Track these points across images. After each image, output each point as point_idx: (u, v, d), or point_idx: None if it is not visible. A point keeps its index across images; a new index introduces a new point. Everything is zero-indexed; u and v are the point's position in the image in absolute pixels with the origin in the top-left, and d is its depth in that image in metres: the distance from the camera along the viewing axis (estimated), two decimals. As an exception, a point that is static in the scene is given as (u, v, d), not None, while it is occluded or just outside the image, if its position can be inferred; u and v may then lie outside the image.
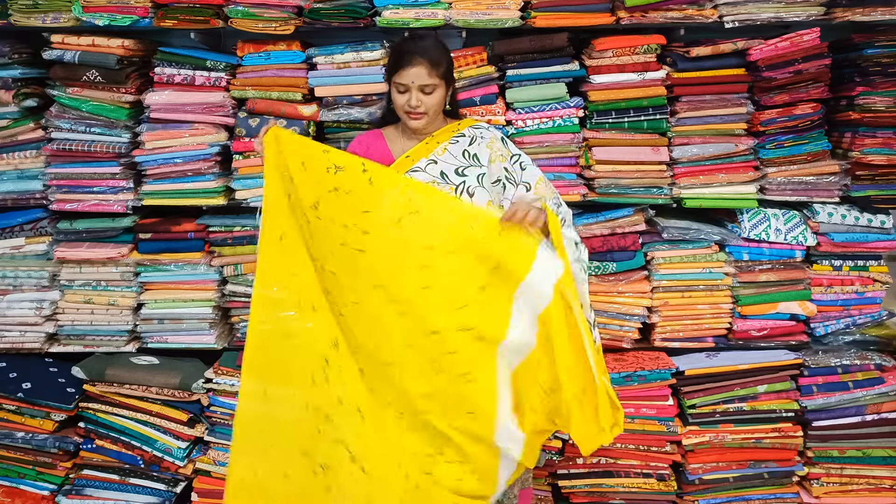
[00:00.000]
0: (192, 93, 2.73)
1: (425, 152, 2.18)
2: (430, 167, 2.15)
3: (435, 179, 2.12)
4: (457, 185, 2.13)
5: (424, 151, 2.19)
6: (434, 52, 2.13)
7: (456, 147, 2.18)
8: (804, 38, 2.63)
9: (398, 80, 2.14)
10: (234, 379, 2.78)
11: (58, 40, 2.69)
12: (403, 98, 2.14)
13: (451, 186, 2.12)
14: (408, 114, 2.16)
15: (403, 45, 2.15)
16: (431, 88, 2.13)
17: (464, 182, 2.13)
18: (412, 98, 2.13)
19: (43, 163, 2.78)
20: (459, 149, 2.18)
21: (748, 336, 2.82)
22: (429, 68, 2.10)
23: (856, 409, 2.77)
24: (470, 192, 2.12)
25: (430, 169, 2.15)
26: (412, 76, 2.11)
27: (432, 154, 2.17)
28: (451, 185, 2.13)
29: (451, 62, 2.20)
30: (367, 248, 2.02)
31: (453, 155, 2.17)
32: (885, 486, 2.82)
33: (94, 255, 2.80)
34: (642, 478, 2.79)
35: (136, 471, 2.84)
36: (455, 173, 2.14)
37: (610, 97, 2.69)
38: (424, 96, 2.13)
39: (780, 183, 2.74)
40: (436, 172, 2.14)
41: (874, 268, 2.81)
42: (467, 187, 2.13)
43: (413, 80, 2.11)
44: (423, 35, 2.25)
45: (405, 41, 2.20)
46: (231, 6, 2.65)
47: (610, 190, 2.75)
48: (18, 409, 2.81)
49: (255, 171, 2.75)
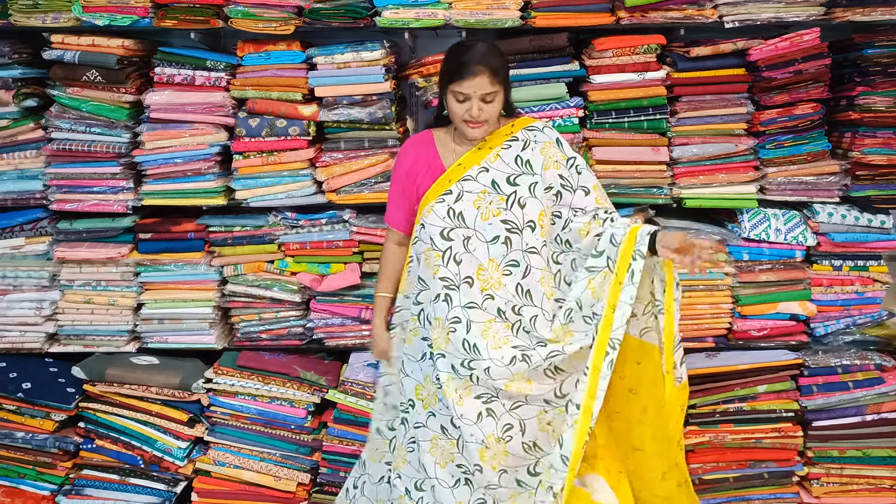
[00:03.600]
0: (192, 93, 2.73)
1: (477, 159, 2.13)
2: (481, 175, 2.10)
3: (486, 188, 2.09)
4: (507, 195, 2.09)
5: (476, 158, 2.13)
6: (494, 59, 2.04)
7: (508, 153, 2.12)
8: (804, 38, 2.63)
9: (458, 90, 2.03)
10: (234, 379, 2.78)
11: (58, 40, 2.69)
12: (463, 108, 2.04)
13: (503, 196, 2.09)
14: (467, 123, 2.07)
15: (463, 54, 2.04)
16: (493, 97, 2.04)
17: (515, 192, 2.09)
18: (473, 108, 2.03)
19: (43, 163, 2.78)
20: (512, 154, 2.12)
21: (748, 336, 2.82)
22: (491, 77, 2.01)
23: (856, 409, 2.77)
24: (521, 203, 2.08)
25: (482, 177, 2.10)
26: (475, 86, 2.01)
27: (484, 161, 2.12)
28: (503, 195, 2.09)
29: (507, 65, 2.12)
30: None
31: (505, 162, 2.11)
32: (885, 486, 2.82)
33: (94, 255, 2.80)
34: (642, 478, 2.79)
35: (136, 471, 2.84)
36: (507, 182, 2.10)
37: (610, 97, 2.69)
38: (486, 105, 2.04)
39: (780, 183, 2.74)
40: (487, 181, 2.10)
41: (874, 268, 2.81)
42: (518, 198, 2.09)
43: (476, 90, 2.01)
44: (475, 42, 2.12)
45: (463, 48, 2.08)
46: (231, 6, 2.65)
47: (610, 190, 2.74)
48: (18, 409, 2.81)
49: (254, 171, 2.76)
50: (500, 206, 2.09)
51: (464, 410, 2.08)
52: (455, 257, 2.09)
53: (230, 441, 2.82)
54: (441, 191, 2.13)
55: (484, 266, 2.09)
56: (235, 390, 2.79)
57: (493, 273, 2.09)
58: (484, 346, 2.05)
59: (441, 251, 2.10)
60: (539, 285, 2.10)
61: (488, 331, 2.07)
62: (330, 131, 2.80)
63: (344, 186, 2.76)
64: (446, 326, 2.09)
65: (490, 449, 2.08)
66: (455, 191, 2.11)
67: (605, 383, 1.95)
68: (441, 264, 2.10)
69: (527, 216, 2.09)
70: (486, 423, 2.07)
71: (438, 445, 2.15)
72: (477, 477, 2.11)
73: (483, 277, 2.09)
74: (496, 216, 2.09)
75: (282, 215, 2.81)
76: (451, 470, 2.14)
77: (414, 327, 2.21)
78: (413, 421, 2.22)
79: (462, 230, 2.10)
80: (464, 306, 2.08)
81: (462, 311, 2.08)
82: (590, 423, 1.96)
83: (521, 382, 2.05)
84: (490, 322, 2.08)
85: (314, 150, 2.77)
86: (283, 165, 2.74)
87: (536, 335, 2.08)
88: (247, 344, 2.90)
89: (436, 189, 2.14)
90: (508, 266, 2.09)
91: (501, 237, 2.09)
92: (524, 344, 2.08)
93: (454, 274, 2.09)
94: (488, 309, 2.08)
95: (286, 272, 2.85)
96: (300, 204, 2.80)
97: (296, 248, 2.83)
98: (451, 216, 2.10)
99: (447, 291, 2.09)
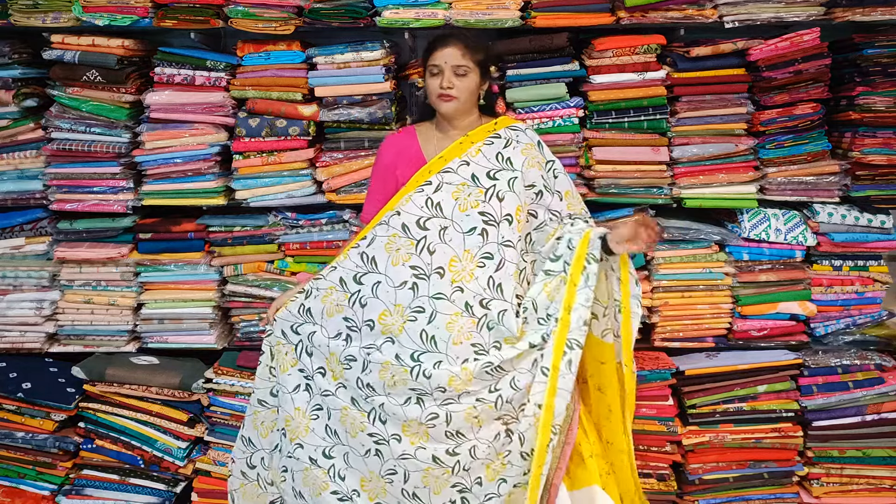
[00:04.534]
0: (192, 93, 2.73)
1: (458, 152, 2.16)
2: (462, 168, 2.13)
3: (465, 181, 2.11)
4: (487, 188, 2.11)
5: (458, 151, 2.16)
6: (471, 39, 2.15)
7: (490, 149, 2.15)
8: (804, 38, 2.63)
9: (431, 63, 2.14)
10: (234, 379, 2.78)
11: (58, 40, 2.69)
12: (436, 81, 2.13)
13: (482, 189, 2.11)
14: (439, 97, 2.14)
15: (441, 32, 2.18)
16: (464, 71, 2.11)
17: (494, 185, 2.11)
18: (444, 79, 2.12)
19: (43, 163, 2.78)
20: (494, 151, 2.15)
21: (748, 336, 2.82)
22: (463, 50, 2.11)
23: (856, 409, 2.77)
24: (500, 197, 2.10)
25: (462, 170, 2.13)
26: (445, 56, 2.11)
27: (465, 155, 2.15)
28: (482, 188, 2.11)
29: (488, 54, 2.19)
30: None
31: (486, 157, 2.14)
32: (885, 486, 2.82)
33: (94, 255, 2.80)
34: (642, 478, 2.78)
35: (136, 471, 2.85)
36: (486, 176, 2.12)
37: (610, 97, 2.69)
38: (456, 79, 2.12)
39: (780, 183, 2.74)
40: (467, 174, 2.12)
41: (874, 268, 2.81)
42: (497, 192, 2.11)
43: (446, 59, 2.11)
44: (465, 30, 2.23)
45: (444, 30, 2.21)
46: (231, 6, 2.65)
47: (610, 190, 2.75)
48: (18, 409, 2.82)
49: (254, 171, 2.76)
50: (478, 199, 2.12)
51: (395, 392, 2.07)
52: (429, 247, 2.10)
53: (230, 441, 2.82)
54: (421, 181, 2.15)
55: (458, 257, 2.10)
56: (235, 390, 2.79)
57: (467, 264, 2.09)
58: (446, 338, 2.05)
59: (416, 240, 2.10)
60: (511, 279, 2.12)
61: (454, 324, 2.07)
62: (330, 131, 2.80)
63: (344, 186, 2.76)
64: (406, 315, 2.08)
65: (411, 427, 2.08)
66: (435, 181, 2.14)
67: (566, 381, 2.01)
68: (414, 253, 2.10)
69: (504, 209, 2.11)
70: (412, 409, 2.07)
71: (349, 415, 2.13)
72: (393, 446, 2.08)
73: (455, 269, 2.09)
74: (474, 208, 2.11)
75: (282, 215, 2.81)
76: (361, 439, 2.12)
77: (338, 301, 2.17)
78: (321, 388, 2.18)
79: (439, 220, 2.11)
80: (431, 296, 2.08)
81: (429, 301, 2.08)
82: (552, 419, 1.99)
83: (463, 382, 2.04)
84: (457, 315, 2.07)
85: (314, 150, 2.77)
86: (283, 165, 2.74)
87: (503, 328, 2.08)
88: (247, 344, 2.90)
89: (416, 179, 2.16)
90: (483, 258, 2.10)
91: (478, 228, 2.10)
92: (483, 343, 2.07)
93: (426, 264, 2.09)
94: (456, 302, 2.08)
95: (286, 272, 2.86)
96: (300, 204, 2.79)
97: (296, 248, 2.83)
98: (428, 206, 2.11)
99: (416, 280, 2.09)
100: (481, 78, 2.17)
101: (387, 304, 2.10)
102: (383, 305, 2.10)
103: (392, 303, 2.10)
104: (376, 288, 2.11)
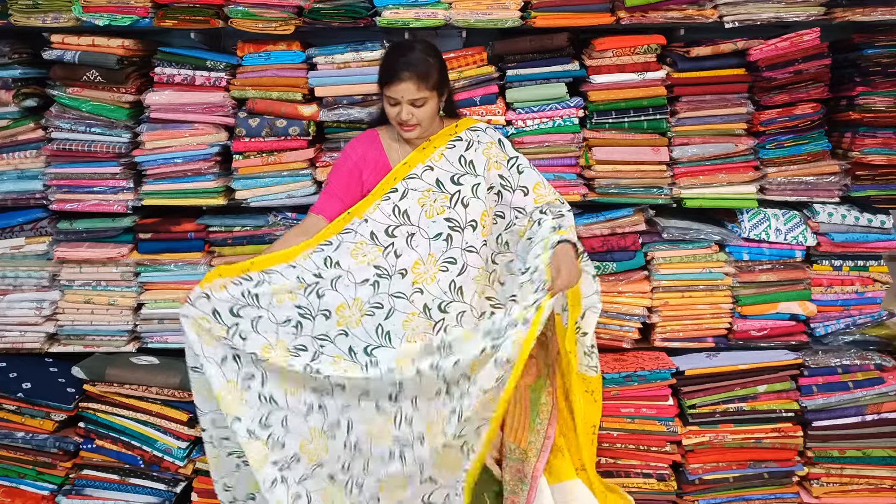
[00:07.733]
0: (192, 93, 2.73)
1: (422, 158, 2.19)
2: (426, 174, 2.16)
3: (430, 187, 2.13)
4: (451, 194, 2.14)
5: (421, 157, 2.19)
6: (422, 65, 2.09)
7: (453, 152, 2.18)
8: (804, 39, 2.63)
9: (388, 94, 2.13)
10: (234, 379, 2.78)
11: (58, 40, 2.69)
12: (395, 111, 2.14)
13: (447, 195, 2.13)
14: (400, 125, 2.16)
15: (390, 59, 2.12)
16: (422, 101, 2.12)
17: (459, 191, 2.15)
18: (402, 112, 2.12)
19: (43, 163, 2.78)
20: (456, 154, 2.18)
21: (748, 336, 2.82)
22: (417, 83, 2.08)
23: (856, 409, 2.77)
24: (465, 203, 2.13)
25: (427, 176, 2.15)
26: (401, 91, 2.09)
27: (429, 160, 2.18)
28: (447, 193, 2.14)
29: (442, 71, 2.17)
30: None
31: (449, 161, 2.17)
32: (885, 486, 2.82)
33: (94, 255, 2.80)
34: (642, 478, 2.79)
35: (136, 471, 2.84)
36: (451, 181, 2.15)
37: (610, 97, 2.69)
38: (416, 109, 2.12)
39: (780, 183, 2.74)
40: (431, 180, 2.15)
41: (874, 268, 2.81)
42: (462, 198, 2.14)
43: (402, 94, 2.10)
44: (410, 45, 2.17)
45: (393, 52, 2.16)
46: (231, 6, 2.65)
47: (610, 190, 2.75)
48: (18, 409, 2.81)
49: (254, 171, 2.76)
50: (444, 205, 2.14)
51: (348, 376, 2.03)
52: (396, 251, 2.13)
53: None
54: (387, 189, 2.17)
55: (423, 260, 2.12)
56: (235, 390, 2.79)
57: (430, 268, 2.12)
58: (400, 335, 2.06)
59: (383, 246, 2.13)
60: (473, 283, 2.13)
61: (409, 322, 2.09)
62: (330, 131, 2.81)
63: (344, 186, 2.76)
64: (364, 309, 2.10)
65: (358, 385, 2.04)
66: (401, 188, 2.16)
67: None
68: (381, 256, 2.13)
69: (469, 215, 2.13)
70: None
71: (289, 378, 2.08)
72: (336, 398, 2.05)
73: (418, 271, 2.12)
74: (440, 214, 2.14)
75: (282, 215, 2.81)
76: (302, 397, 2.08)
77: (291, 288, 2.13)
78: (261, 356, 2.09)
79: (406, 227, 2.14)
80: (391, 294, 2.10)
81: (388, 298, 2.10)
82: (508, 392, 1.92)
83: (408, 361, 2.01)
84: (413, 315, 2.09)
85: (314, 150, 2.77)
86: (283, 165, 2.74)
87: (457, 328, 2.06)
88: (247, 344, 2.89)
89: (382, 187, 2.19)
90: (446, 262, 2.12)
91: (444, 234, 2.13)
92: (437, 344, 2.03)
93: (390, 265, 2.12)
94: (415, 302, 2.09)
95: (286, 272, 2.85)
96: (300, 204, 2.79)
97: (296, 248, 2.83)
98: (396, 214, 2.14)
99: (378, 279, 2.11)
100: (440, 97, 2.18)
101: (346, 297, 2.11)
102: (342, 298, 2.11)
103: (351, 297, 2.12)
104: (336, 281, 2.13)
